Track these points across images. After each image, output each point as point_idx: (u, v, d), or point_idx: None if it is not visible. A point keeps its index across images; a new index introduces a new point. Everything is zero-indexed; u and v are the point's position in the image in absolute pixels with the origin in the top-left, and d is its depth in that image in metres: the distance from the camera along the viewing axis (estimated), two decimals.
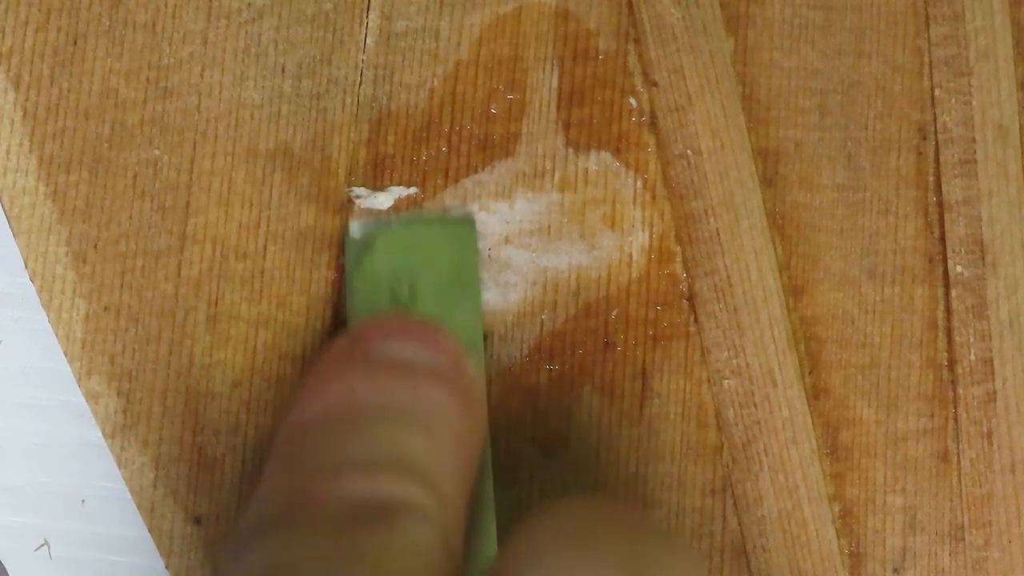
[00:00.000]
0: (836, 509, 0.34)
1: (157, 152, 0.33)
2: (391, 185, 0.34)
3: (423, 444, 0.29)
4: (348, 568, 0.26)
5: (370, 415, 0.29)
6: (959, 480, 0.34)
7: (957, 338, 0.34)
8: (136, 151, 0.33)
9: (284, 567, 0.26)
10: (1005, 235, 0.34)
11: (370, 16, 0.34)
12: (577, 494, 0.33)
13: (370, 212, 0.33)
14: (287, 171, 0.33)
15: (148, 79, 0.34)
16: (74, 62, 0.33)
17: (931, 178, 0.35)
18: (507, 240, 0.34)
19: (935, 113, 0.35)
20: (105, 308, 0.33)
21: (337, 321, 0.33)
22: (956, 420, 0.34)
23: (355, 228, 0.32)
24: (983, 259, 0.34)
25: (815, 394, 0.34)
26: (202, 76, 0.34)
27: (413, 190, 0.34)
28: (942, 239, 0.34)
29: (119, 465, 0.33)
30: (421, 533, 0.27)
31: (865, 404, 0.34)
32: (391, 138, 0.34)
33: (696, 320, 0.34)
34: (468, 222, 0.33)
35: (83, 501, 0.33)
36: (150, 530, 0.32)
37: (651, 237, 0.34)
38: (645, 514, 0.33)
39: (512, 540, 0.27)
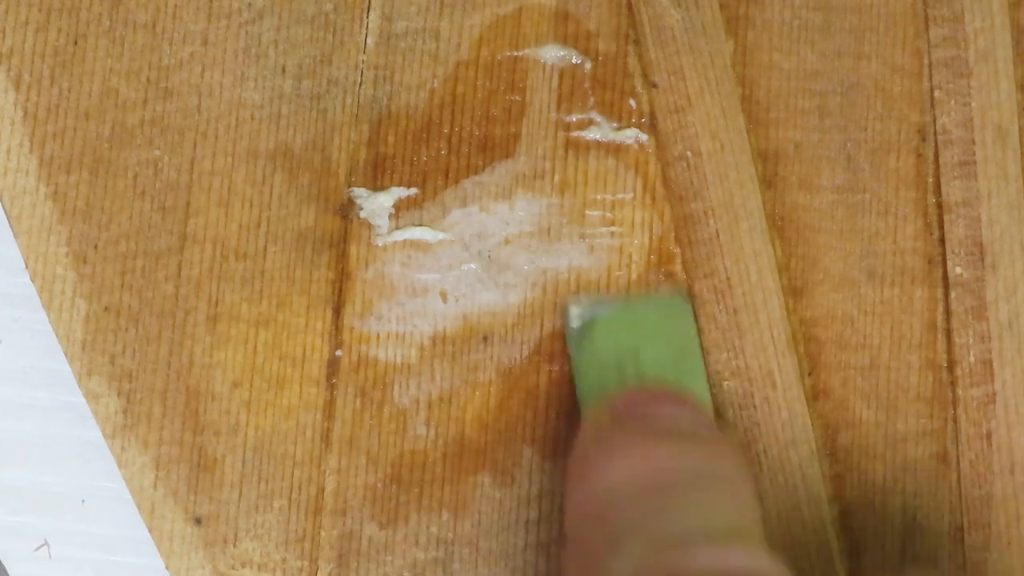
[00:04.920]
0: (835, 510, 0.34)
1: (157, 152, 0.33)
2: (391, 185, 0.34)
3: (740, 507, 0.28)
4: None
5: (684, 482, 0.27)
6: (958, 481, 0.34)
7: (956, 339, 0.34)
8: (136, 151, 0.33)
9: None
10: (1004, 236, 0.34)
11: (370, 17, 0.34)
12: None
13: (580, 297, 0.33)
14: (287, 171, 0.33)
15: (148, 79, 0.34)
16: (74, 62, 0.33)
17: (930, 179, 0.35)
18: (507, 241, 0.34)
19: (934, 115, 0.35)
20: (105, 308, 0.33)
21: (337, 321, 0.33)
22: (955, 421, 0.34)
23: (574, 318, 0.32)
24: (982, 260, 0.34)
25: (814, 395, 0.34)
26: (202, 76, 0.34)
27: (413, 191, 0.34)
28: (941, 240, 0.34)
29: (119, 465, 0.33)
30: None
31: (865, 405, 0.34)
32: (391, 138, 0.34)
33: (696, 321, 0.34)
34: (684, 300, 0.33)
35: (83, 501, 0.33)
36: (150, 530, 0.32)
37: (651, 238, 0.34)
38: None
39: None
